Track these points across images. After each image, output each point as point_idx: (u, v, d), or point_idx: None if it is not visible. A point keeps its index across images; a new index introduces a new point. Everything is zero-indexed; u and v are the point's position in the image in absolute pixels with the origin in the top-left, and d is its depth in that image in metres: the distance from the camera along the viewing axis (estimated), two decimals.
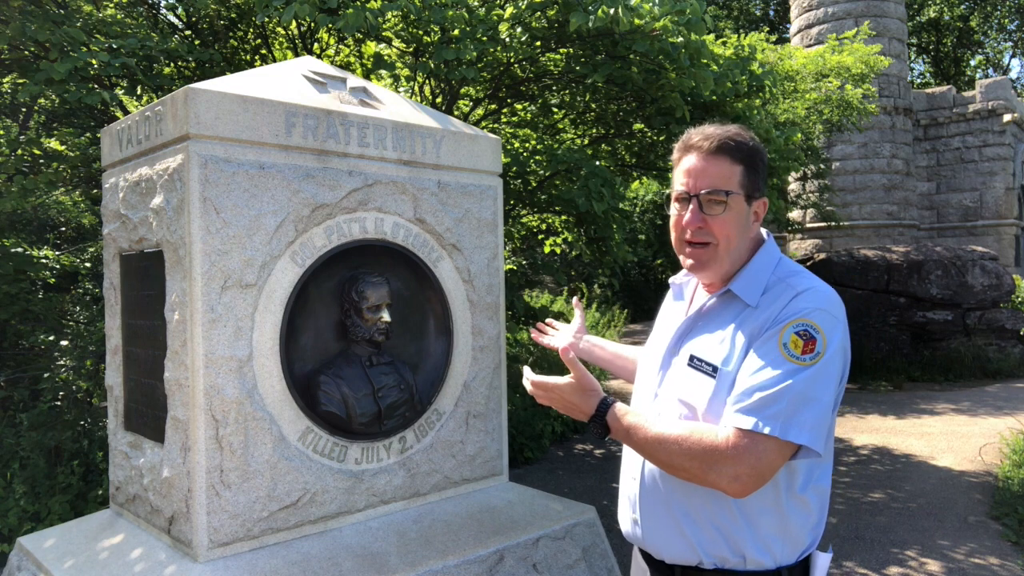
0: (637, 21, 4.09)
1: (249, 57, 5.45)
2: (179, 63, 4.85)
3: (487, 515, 2.53)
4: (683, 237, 1.60)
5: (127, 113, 4.94)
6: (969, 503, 5.18)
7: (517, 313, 6.00)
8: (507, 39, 4.61)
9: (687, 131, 1.63)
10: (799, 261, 12.61)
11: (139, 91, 4.76)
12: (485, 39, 4.34)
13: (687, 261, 1.61)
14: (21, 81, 4.73)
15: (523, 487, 2.82)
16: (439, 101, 5.34)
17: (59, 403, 4.44)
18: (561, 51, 4.98)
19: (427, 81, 5.21)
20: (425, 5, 4.05)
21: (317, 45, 5.47)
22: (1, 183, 4.59)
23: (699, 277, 1.65)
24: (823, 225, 16.88)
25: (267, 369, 2.15)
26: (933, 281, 10.89)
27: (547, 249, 6.81)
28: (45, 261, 4.84)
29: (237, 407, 2.08)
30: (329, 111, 2.29)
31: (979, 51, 32.92)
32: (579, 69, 4.75)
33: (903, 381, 10.22)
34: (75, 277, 5.56)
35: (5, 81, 5.13)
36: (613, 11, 3.88)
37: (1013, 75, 41.86)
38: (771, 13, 31.07)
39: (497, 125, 6.39)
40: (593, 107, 5.95)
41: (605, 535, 2.69)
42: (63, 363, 4.60)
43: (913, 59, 32.38)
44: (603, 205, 4.85)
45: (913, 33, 29.62)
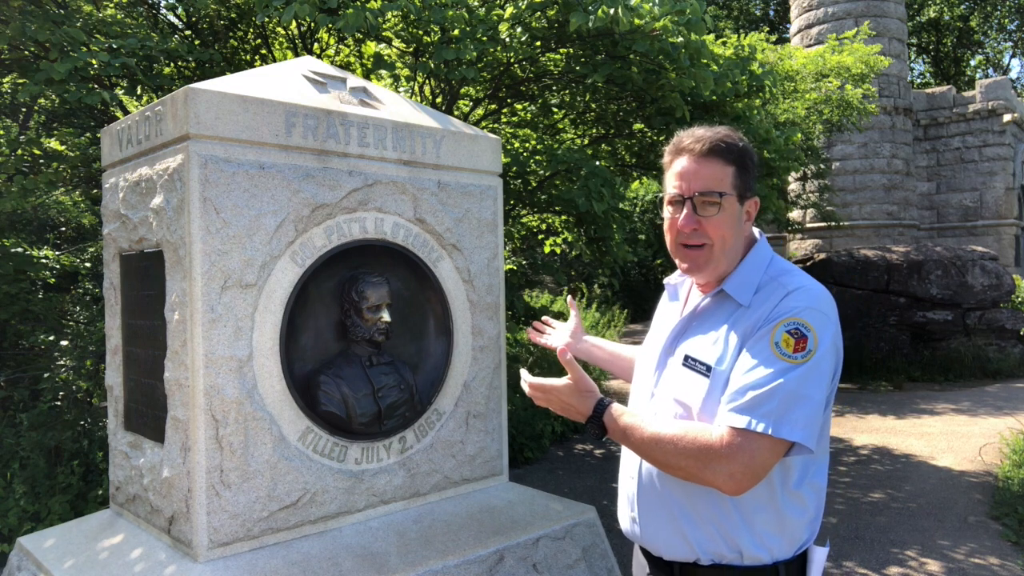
0: (637, 21, 4.09)
1: (249, 57, 5.45)
2: (179, 63, 4.85)
3: (487, 515, 2.53)
4: (678, 240, 1.61)
5: (127, 113, 4.94)
6: (969, 503, 5.18)
7: (517, 313, 6.00)
8: (507, 39, 4.61)
9: (677, 134, 1.64)
10: (799, 261, 12.62)
11: (139, 91, 4.76)
12: (485, 39, 4.34)
13: (683, 264, 1.63)
14: (21, 81, 4.73)
15: (523, 487, 2.82)
16: (439, 101, 5.34)
17: (59, 403, 4.44)
18: (561, 51, 4.98)
19: (427, 81, 5.21)
20: (425, 5, 4.05)
21: (317, 45, 5.47)
22: (1, 183, 4.59)
23: (695, 278, 1.66)
24: (823, 225, 16.87)
25: (267, 369, 2.16)
26: (933, 281, 10.89)
27: (547, 249, 6.81)
28: (45, 261, 4.84)
29: (237, 407, 2.09)
30: (329, 111, 2.29)
31: (979, 51, 32.92)
32: (579, 69, 4.75)
33: (903, 381, 10.22)
34: (75, 277, 5.56)
35: (5, 81, 5.13)
36: (613, 11, 3.88)
37: (1013, 75, 41.88)
38: (771, 13, 31.07)
39: (497, 125, 6.39)
40: (593, 107, 5.95)
41: (605, 535, 2.69)
42: (63, 363, 4.60)
43: (913, 59, 32.38)
44: (603, 205, 4.85)
45: (913, 33, 29.62)
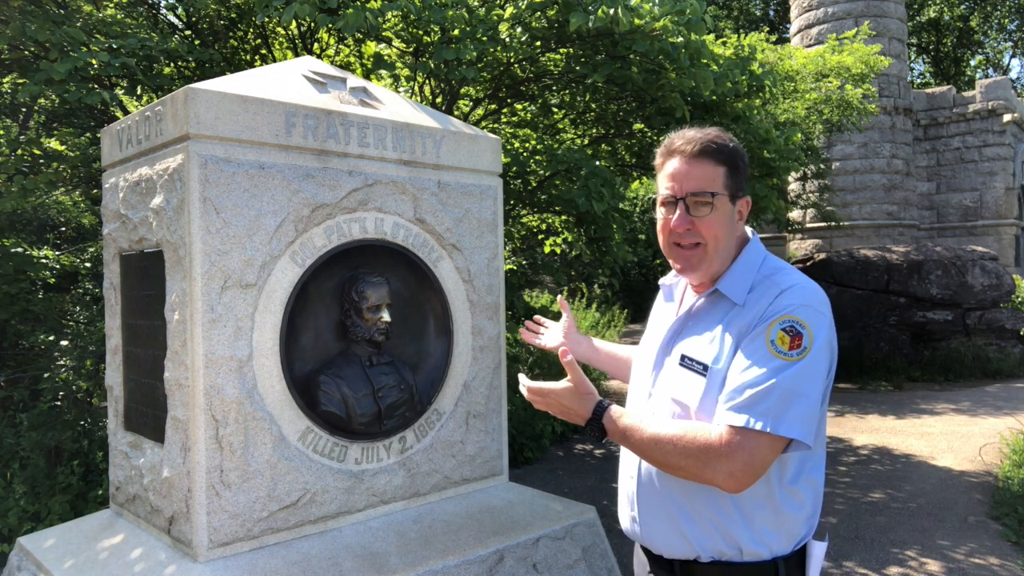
0: (637, 21, 4.09)
1: (249, 57, 5.45)
2: (179, 63, 4.84)
3: (487, 515, 2.53)
4: (671, 240, 1.62)
5: (127, 113, 4.94)
6: (969, 503, 5.18)
7: (517, 313, 5.99)
8: (507, 39, 4.61)
9: (667, 136, 1.67)
10: (799, 261, 12.62)
11: (139, 91, 4.76)
12: (485, 39, 4.33)
13: (677, 264, 1.64)
14: (21, 81, 4.73)
15: (523, 487, 2.82)
16: (439, 101, 5.34)
17: (59, 403, 4.44)
18: (561, 51, 4.98)
19: (427, 81, 5.21)
20: (425, 5, 4.05)
21: (317, 45, 5.47)
22: (1, 183, 4.58)
23: (689, 278, 1.67)
24: (823, 225, 16.87)
25: (267, 369, 2.16)
26: (933, 281, 10.89)
27: (547, 249, 6.81)
28: (45, 261, 4.84)
29: (237, 407, 2.09)
30: (329, 111, 2.29)
31: (979, 51, 32.92)
32: (579, 69, 4.75)
33: (903, 381, 10.22)
34: (75, 277, 5.56)
35: (5, 81, 5.13)
36: (613, 11, 3.88)
37: (1013, 75, 41.87)
38: (771, 13, 31.06)
39: (497, 125, 6.39)
40: (593, 107, 5.95)
41: (605, 535, 2.69)
42: (63, 363, 4.60)
43: (913, 59, 32.38)
44: (603, 205, 4.85)
45: (913, 33, 29.61)
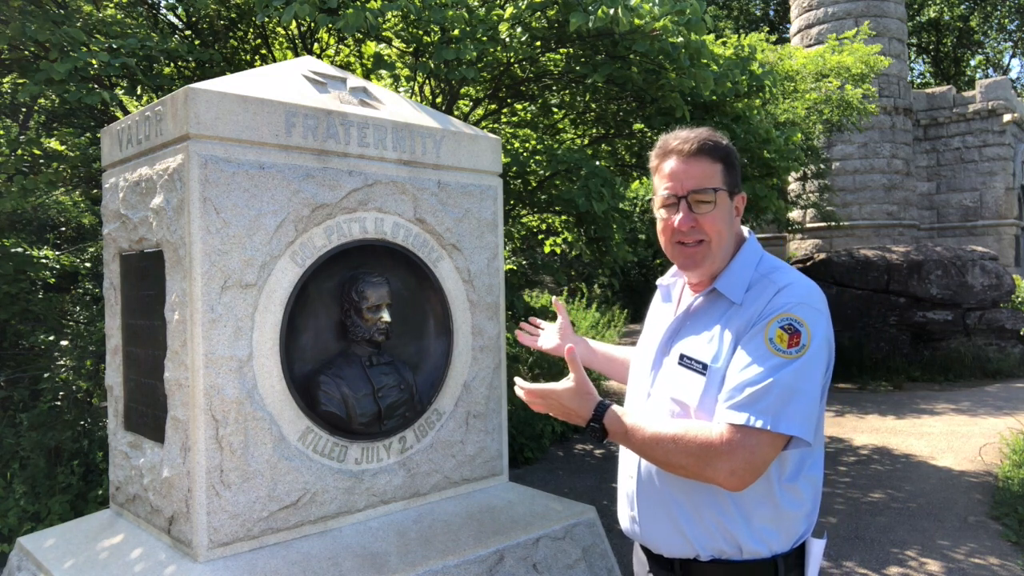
0: (637, 21, 4.09)
1: (249, 57, 5.45)
2: (179, 63, 4.84)
3: (487, 515, 2.53)
4: (674, 240, 1.63)
5: (127, 113, 4.94)
6: (969, 503, 5.18)
7: (517, 313, 5.99)
8: (507, 39, 4.61)
9: (661, 138, 1.68)
10: (799, 261, 12.62)
11: (139, 91, 4.76)
12: (485, 39, 4.33)
13: (681, 260, 1.64)
14: (21, 81, 4.73)
15: (523, 487, 2.82)
16: (439, 101, 5.34)
17: (59, 403, 4.44)
18: (561, 51, 4.98)
19: (427, 81, 5.21)
20: (425, 5, 4.04)
21: (317, 45, 5.47)
22: (1, 183, 4.58)
23: (693, 275, 1.67)
24: (823, 225, 16.87)
25: (267, 369, 2.16)
26: (933, 281, 10.88)
27: (547, 249, 6.81)
28: (45, 261, 4.84)
29: (237, 407, 2.09)
30: (329, 111, 2.30)
31: (979, 51, 32.91)
32: (579, 69, 4.75)
33: (903, 381, 10.22)
34: (75, 277, 5.56)
35: (5, 81, 5.13)
36: (613, 11, 3.88)
37: (1013, 75, 41.87)
38: (771, 13, 31.06)
39: (497, 125, 6.39)
40: (593, 107, 5.95)
41: (605, 535, 2.69)
42: (63, 363, 4.60)
43: (913, 59, 32.37)
44: (603, 205, 4.85)
45: (913, 33, 29.61)
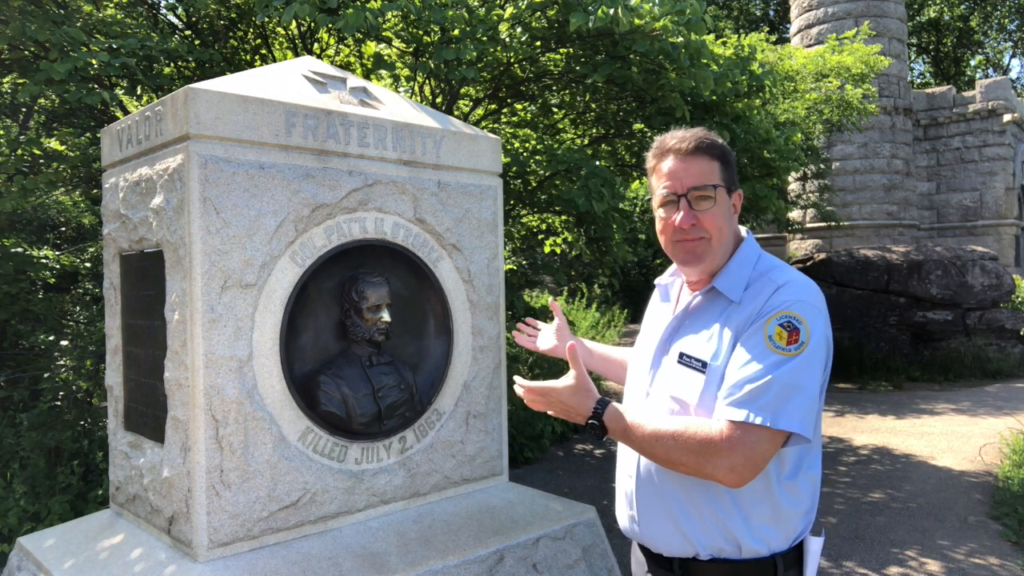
0: (637, 21, 4.09)
1: (249, 57, 5.45)
2: (179, 63, 4.84)
3: (487, 515, 2.53)
4: (675, 238, 1.63)
5: (127, 113, 4.94)
6: (969, 503, 5.18)
7: (517, 313, 5.99)
8: (507, 39, 4.61)
9: (656, 138, 1.69)
10: (799, 261, 12.62)
11: (139, 91, 4.76)
12: (485, 39, 4.33)
13: (682, 255, 1.64)
14: (21, 81, 4.73)
15: (523, 487, 2.82)
16: (439, 101, 5.34)
17: (59, 403, 4.44)
18: (561, 51, 4.98)
19: (427, 81, 5.21)
20: (425, 5, 4.04)
21: (317, 45, 5.47)
22: (1, 183, 4.58)
23: (693, 272, 1.67)
24: (823, 225, 16.87)
25: (267, 369, 2.16)
26: (933, 281, 10.89)
27: (547, 249, 6.81)
28: (45, 261, 4.84)
29: (237, 407, 2.09)
30: (329, 111, 2.30)
31: (979, 51, 32.91)
32: (579, 69, 4.75)
33: (903, 381, 10.22)
34: (75, 277, 5.56)
35: (5, 81, 5.13)
36: (613, 11, 3.88)
37: (1013, 75, 41.86)
38: (771, 13, 31.05)
39: (497, 125, 6.39)
40: (593, 107, 5.95)
41: (605, 535, 2.69)
42: (63, 363, 4.60)
43: (913, 59, 32.37)
44: (603, 205, 4.85)
45: (913, 33, 29.60)
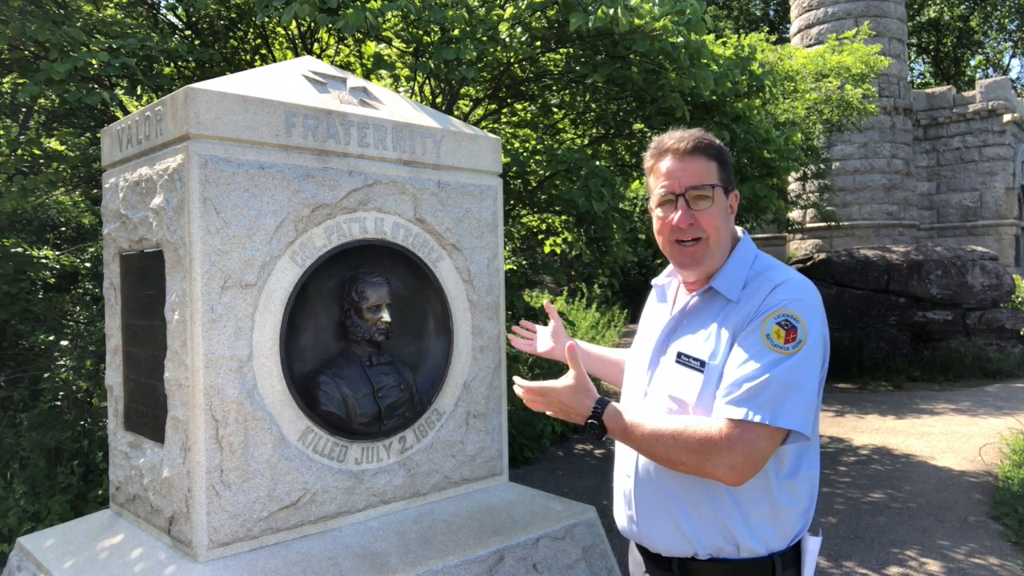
0: (637, 21, 4.09)
1: (249, 57, 5.45)
2: (179, 63, 4.84)
3: (487, 515, 2.53)
4: (673, 238, 1.63)
5: (127, 113, 4.94)
6: (969, 503, 5.18)
7: (517, 313, 5.99)
8: (507, 39, 4.61)
9: (655, 138, 1.70)
10: (799, 261, 12.62)
11: (139, 91, 4.76)
12: (485, 39, 4.33)
13: (681, 259, 1.64)
14: (21, 81, 4.73)
15: (523, 487, 2.82)
16: (439, 101, 5.34)
17: (59, 403, 4.44)
18: (561, 51, 4.98)
19: (427, 81, 5.21)
20: (425, 5, 4.04)
21: (317, 45, 5.47)
22: (1, 183, 4.58)
23: (691, 274, 1.67)
24: (823, 225, 16.86)
25: (267, 369, 2.16)
26: (933, 281, 10.88)
27: (547, 249, 6.81)
28: (45, 261, 4.84)
29: (237, 407, 2.09)
30: (329, 111, 2.30)
31: (979, 51, 32.91)
32: (579, 69, 4.75)
33: (903, 381, 10.22)
34: (75, 277, 5.56)
35: (5, 81, 5.13)
36: (613, 11, 3.88)
37: (1013, 75, 41.86)
38: (771, 13, 31.05)
39: (497, 125, 6.39)
40: (593, 107, 5.95)
41: (605, 535, 2.69)
42: (63, 363, 4.60)
43: (913, 59, 32.37)
44: (603, 205, 4.85)
45: (913, 33, 29.60)
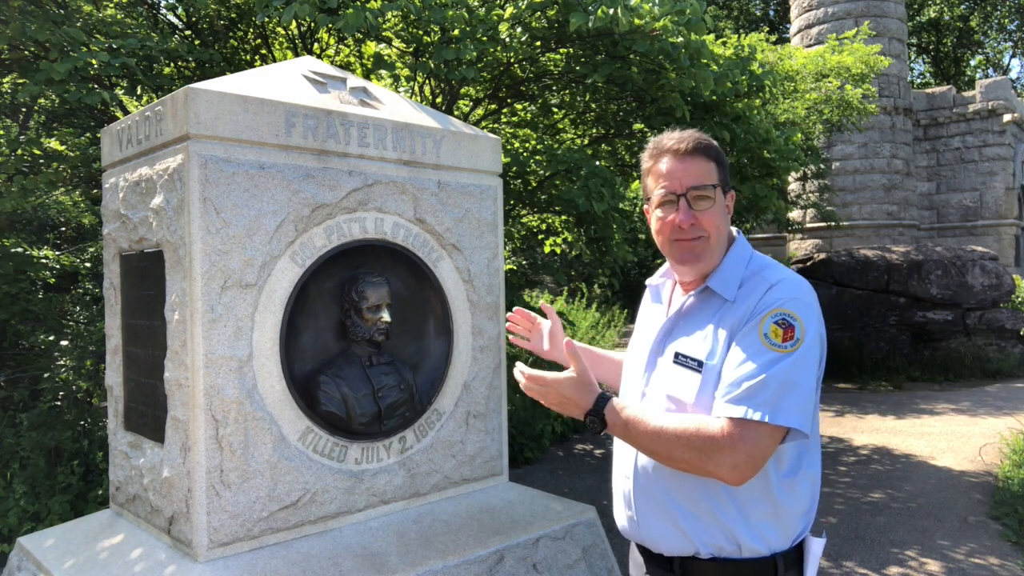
0: (637, 21, 4.09)
1: (249, 57, 5.45)
2: (179, 63, 4.84)
3: (487, 515, 2.53)
4: (673, 237, 1.63)
5: (127, 113, 4.94)
6: (969, 503, 5.18)
7: None
8: (507, 39, 4.61)
9: (652, 139, 1.70)
10: (799, 261, 12.62)
11: (139, 91, 4.76)
12: (485, 39, 4.33)
13: (681, 254, 1.64)
14: (21, 81, 4.73)
15: (523, 487, 2.82)
16: (439, 101, 5.34)
17: (59, 403, 4.44)
18: (561, 51, 4.98)
19: (427, 81, 5.21)
20: (425, 5, 4.04)
21: (317, 45, 5.47)
22: (1, 183, 4.58)
23: (689, 271, 1.66)
24: (823, 225, 16.86)
25: (267, 369, 2.16)
26: (933, 281, 10.89)
27: (547, 249, 6.81)
28: (45, 261, 4.84)
29: (237, 407, 2.09)
30: (329, 111, 2.30)
31: (979, 51, 32.90)
32: (579, 69, 4.75)
33: (903, 381, 10.23)
34: (75, 277, 5.56)
35: (5, 81, 5.13)
36: (613, 11, 3.88)
37: (1013, 75, 41.85)
38: (771, 13, 31.05)
39: (497, 125, 6.39)
40: (593, 107, 5.95)
41: (605, 535, 2.69)
42: (63, 363, 4.60)
43: (913, 59, 32.36)
44: (603, 205, 4.85)
45: (913, 33, 29.60)
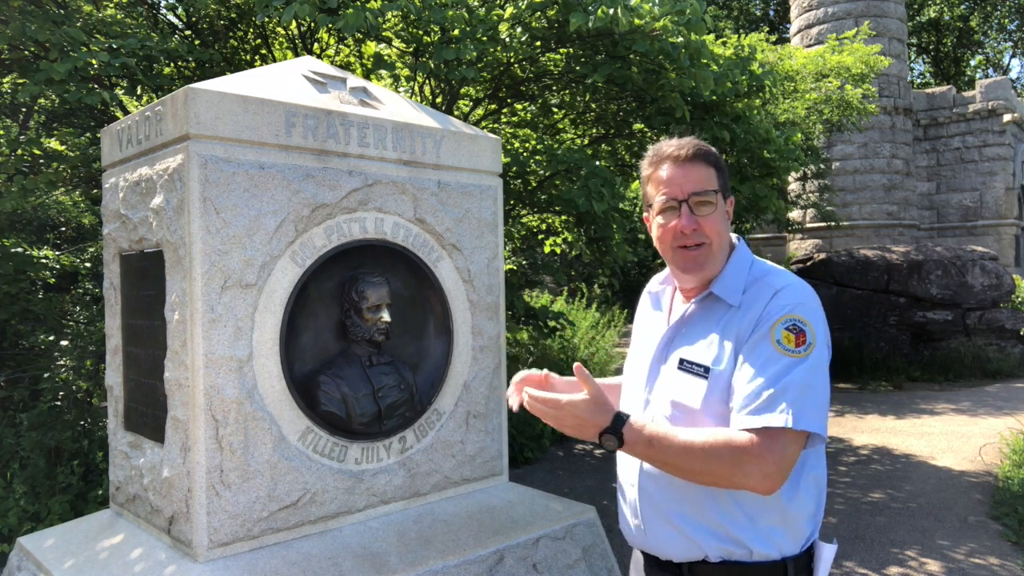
0: (637, 21, 4.09)
1: (249, 57, 5.45)
2: (179, 63, 4.84)
3: (487, 515, 2.53)
4: (675, 244, 1.62)
5: (127, 113, 4.94)
6: (969, 503, 5.18)
7: (517, 313, 5.98)
8: (507, 39, 4.61)
9: (651, 147, 1.70)
10: (799, 261, 12.62)
11: (139, 91, 4.76)
12: (485, 39, 4.33)
13: (684, 264, 1.63)
14: (21, 81, 4.73)
15: (523, 487, 2.82)
16: (439, 101, 5.34)
17: (59, 403, 4.44)
18: (561, 51, 4.98)
19: (427, 81, 5.21)
20: (425, 5, 4.04)
21: (317, 45, 5.47)
22: (1, 183, 4.58)
23: (691, 279, 1.65)
24: (823, 225, 16.86)
25: (267, 369, 2.16)
26: (933, 281, 10.89)
27: (547, 249, 6.81)
28: (45, 261, 4.84)
29: (237, 407, 2.09)
30: (329, 111, 2.30)
31: (979, 51, 32.91)
32: (579, 69, 4.75)
33: (903, 381, 10.22)
34: (75, 277, 5.55)
35: (5, 81, 5.13)
36: (613, 11, 3.88)
37: (1013, 75, 41.86)
38: (771, 13, 31.05)
39: (497, 125, 6.39)
40: (593, 107, 5.95)
41: (605, 535, 2.69)
42: (63, 363, 4.60)
43: (913, 59, 32.36)
44: (603, 205, 4.85)
45: (913, 33, 29.60)
